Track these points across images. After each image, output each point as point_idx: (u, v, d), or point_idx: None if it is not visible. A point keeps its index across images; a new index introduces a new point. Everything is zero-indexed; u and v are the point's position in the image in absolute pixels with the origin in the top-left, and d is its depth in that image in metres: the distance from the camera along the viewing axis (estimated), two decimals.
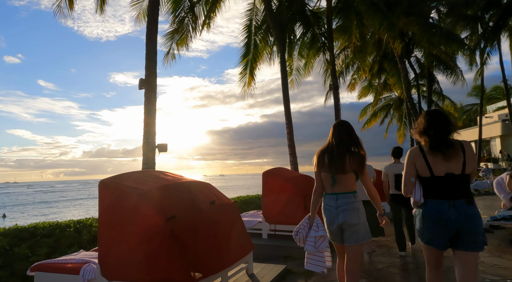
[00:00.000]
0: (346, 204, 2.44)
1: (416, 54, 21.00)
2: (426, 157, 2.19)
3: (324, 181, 2.55)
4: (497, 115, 27.67)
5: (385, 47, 16.78)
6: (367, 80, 22.50)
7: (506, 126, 24.67)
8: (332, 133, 2.59)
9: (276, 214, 5.76)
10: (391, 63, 18.05)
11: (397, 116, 26.41)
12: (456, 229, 2.08)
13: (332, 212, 2.48)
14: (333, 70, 11.56)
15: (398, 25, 12.34)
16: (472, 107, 40.89)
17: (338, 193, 2.48)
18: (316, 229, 2.57)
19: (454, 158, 2.13)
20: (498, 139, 25.83)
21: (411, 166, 2.28)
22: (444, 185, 2.14)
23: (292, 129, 8.98)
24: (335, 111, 11.50)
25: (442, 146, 2.14)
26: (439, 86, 23.17)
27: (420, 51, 18.71)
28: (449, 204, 2.10)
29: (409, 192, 2.28)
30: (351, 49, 14.41)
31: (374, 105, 25.02)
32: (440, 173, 2.15)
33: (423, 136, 2.25)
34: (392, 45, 12.93)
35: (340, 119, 2.76)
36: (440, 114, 2.27)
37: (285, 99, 9.23)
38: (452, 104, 23.99)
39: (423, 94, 24.13)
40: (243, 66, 11.21)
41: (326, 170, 2.51)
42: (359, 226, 2.43)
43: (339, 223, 2.45)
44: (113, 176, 3.27)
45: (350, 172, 2.46)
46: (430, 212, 2.15)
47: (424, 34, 13.60)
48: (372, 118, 26.55)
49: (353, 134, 2.56)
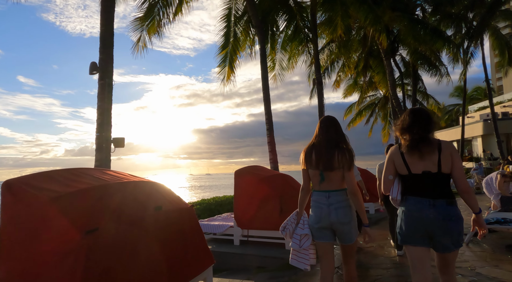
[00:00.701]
0: (339, 202, 2.40)
1: (401, 53, 20.91)
2: (404, 155, 2.21)
3: (313, 178, 2.49)
4: (479, 115, 28.04)
5: (371, 43, 16.43)
6: (352, 78, 22.23)
7: (487, 126, 24.96)
8: (319, 129, 2.52)
9: (249, 218, 5.10)
10: (376, 60, 17.75)
11: (381, 115, 26.34)
12: (432, 228, 2.08)
13: (323, 210, 2.41)
14: (317, 64, 11.02)
15: (383, 19, 11.95)
16: (454, 107, 41.61)
17: (330, 191, 2.42)
18: (302, 227, 2.54)
19: (429, 157, 2.13)
20: (480, 138, 26.13)
21: (390, 164, 2.30)
22: (423, 183, 2.15)
23: (272, 125, 8.34)
24: (318, 106, 10.98)
25: (419, 144, 2.15)
26: (423, 85, 23.17)
27: (405, 49, 18.54)
28: (429, 202, 2.10)
29: (387, 190, 2.30)
30: (336, 44, 13.93)
31: (359, 103, 24.82)
32: (417, 171, 2.17)
33: (405, 134, 2.23)
34: (377, 40, 12.52)
35: (327, 115, 2.67)
36: (424, 113, 2.27)
37: (265, 93, 8.59)
38: (436, 104, 24.06)
39: (408, 93, 24.12)
40: (222, 58, 10.49)
41: (314, 167, 2.44)
42: (352, 223, 2.40)
43: (331, 221, 2.39)
44: (24, 176, 2.53)
45: (339, 168, 2.40)
46: (409, 208, 2.17)
47: (410, 30, 13.28)
48: (357, 116, 26.37)
49: (340, 130, 2.52)
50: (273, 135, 8.32)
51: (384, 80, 17.52)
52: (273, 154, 8.26)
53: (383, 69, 17.10)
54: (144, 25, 8.66)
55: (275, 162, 8.24)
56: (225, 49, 10.41)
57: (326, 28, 10.16)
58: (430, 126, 2.19)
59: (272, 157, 8.31)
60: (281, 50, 12.95)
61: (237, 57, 10.79)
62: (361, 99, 24.30)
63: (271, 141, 8.23)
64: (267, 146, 8.22)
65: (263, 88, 8.55)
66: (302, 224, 2.55)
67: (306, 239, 2.51)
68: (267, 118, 8.35)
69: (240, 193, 5.23)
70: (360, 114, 26.35)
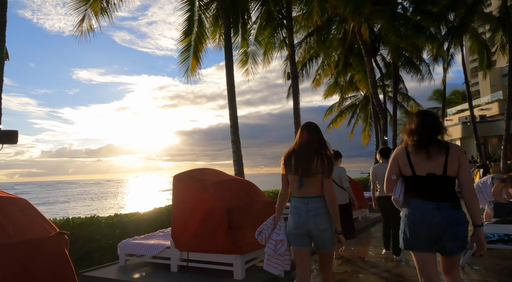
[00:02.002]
0: (317, 208, 2.37)
1: (382, 53, 20.41)
2: (409, 156, 2.17)
3: (292, 184, 2.46)
4: (457, 118, 28.10)
5: (351, 40, 15.68)
6: (333, 77, 21.54)
7: (466, 129, 24.93)
8: (300, 134, 2.52)
9: (189, 237, 3.91)
10: (357, 58, 17.03)
11: (362, 116, 25.86)
12: (437, 232, 2.03)
13: (302, 216, 2.38)
14: (292, 57, 10.00)
15: (364, 12, 11.14)
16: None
17: (309, 197, 2.39)
18: (278, 232, 2.51)
19: (436, 158, 2.08)
20: (459, 141, 26.11)
21: (394, 163, 2.26)
22: (426, 186, 2.10)
23: (237, 122, 7.19)
24: (293, 103, 9.94)
25: (427, 145, 2.10)
26: (404, 87, 22.79)
27: (386, 49, 18.02)
28: (433, 205, 2.05)
29: (390, 190, 2.27)
30: (314, 38, 13.00)
31: (340, 103, 24.16)
32: (422, 173, 2.12)
33: (413, 135, 2.18)
34: (358, 34, 11.70)
35: (308, 121, 2.63)
36: (432, 115, 2.24)
37: (230, 85, 7.44)
38: (416, 106, 23.77)
39: (389, 94, 23.72)
40: (185, 46, 9.25)
41: (293, 172, 2.43)
42: (329, 231, 2.37)
43: (308, 228, 2.36)
44: None
45: (318, 174, 2.38)
46: (413, 212, 2.12)
47: (391, 25, 12.57)
48: (338, 117, 25.76)
49: (321, 136, 2.51)
50: (237, 134, 7.17)
51: (365, 79, 16.83)
52: (238, 155, 7.10)
53: (364, 67, 16.41)
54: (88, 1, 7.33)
55: (240, 164, 7.07)
56: (188, 37, 9.18)
57: (301, 14, 9.16)
58: (439, 128, 2.15)
59: (237, 159, 7.15)
60: (255, 42, 11.88)
61: (203, 46, 9.59)
62: (342, 99, 23.63)
63: (236, 140, 7.08)
64: (231, 145, 7.05)
65: (227, 79, 7.40)
66: (278, 230, 2.52)
67: (281, 245, 2.48)
68: (231, 113, 7.20)
69: (178, 204, 4.02)
70: (341, 115, 25.77)
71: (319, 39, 12.55)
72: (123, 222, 5.90)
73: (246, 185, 4.48)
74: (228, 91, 7.33)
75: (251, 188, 4.50)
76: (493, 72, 26.70)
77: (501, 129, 24.21)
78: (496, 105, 26.60)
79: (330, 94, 22.91)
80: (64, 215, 6.83)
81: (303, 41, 13.03)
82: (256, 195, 4.37)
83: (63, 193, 66.19)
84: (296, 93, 9.96)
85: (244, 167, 7.27)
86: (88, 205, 37.30)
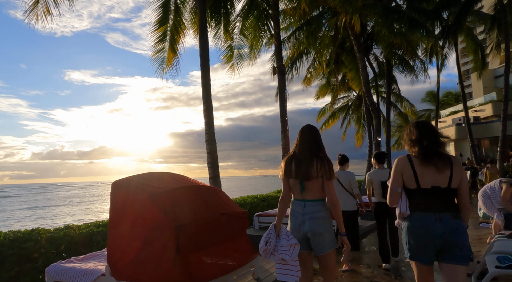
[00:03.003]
0: (313, 212, 2.39)
1: (375, 52, 19.80)
2: (414, 168, 2.16)
3: (293, 188, 2.49)
4: (451, 119, 27.66)
5: (343, 36, 14.97)
6: (325, 77, 20.85)
7: (460, 130, 24.46)
8: (299, 138, 2.53)
9: (129, 263, 3.01)
10: (349, 56, 16.33)
11: (355, 117, 25.23)
12: (442, 243, 2.06)
13: (298, 219, 2.42)
14: (278, 49, 9.19)
15: (356, 5, 10.42)
16: (425, 112, 41.73)
17: (307, 200, 2.43)
18: (286, 237, 2.43)
19: (443, 171, 2.11)
20: (452, 143, 25.63)
21: (398, 176, 2.23)
22: (430, 198, 2.12)
23: (212, 119, 6.31)
24: (280, 101, 9.11)
25: (434, 157, 2.12)
26: (397, 87, 22.22)
27: (379, 47, 17.38)
28: (435, 217, 2.08)
29: (395, 203, 2.25)
30: (303, 32, 12.22)
31: (332, 104, 23.50)
32: (427, 186, 2.13)
33: (416, 146, 2.19)
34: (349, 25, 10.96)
35: (307, 124, 2.63)
36: (430, 125, 2.26)
37: (204, 77, 6.58)
38: (410, 107, 23.20)
39: (382, 95, 23.13)
40: (160, 36, 8.35)
41: (293, 176, 2.45)
42: (324, 235, 2.37)
43: (304, 231, 2.39)
44: None
45: (318, 178, 2.39)
46: (415, 224, 2.12)
47: (385, 19, 11.88)
48: (330, 119, 25.08)
49: (319, 139, 2.53)
50: (213, 132, 6.29)
51: (357, 78, 16.12)
52: (213, 157, 6.19)
53: (356, 65, 15.71)
54: None
55: (215, 167, 6.17)
56: (164, 26, 8.30)
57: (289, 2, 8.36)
58: (439, 139, 2.17)
59: (212, 161, 6.25)
60: (240, 36, 11.06)
61: (180, 37, 8.71)
62: (333, 98, 22.97)
63: (210, 139, 6.18)
64: (205, 145, 6.15)
65: (201, 71, 6.52)
66: (286, 235, 2.44)
67: (294, 248, 2.39)
68: (205, 109, 6.31)
69: (115, 220, 3.12)
70: (334, 116, 25.11)
71: (309, 34, 11.77)
72: (72, 236, 4.97)
73: (209, 193, 3.59)
74: (202, 84, 6.46)
75: (216, 197, 3.62)
76: (486, 73, 26.34)
77: (495, 130, 23.86)
78: (489, 107, 26.24)
79: (322, 94, 22.21)
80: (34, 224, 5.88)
81: (292, 36, 12.23)
82: (221, 206, 3.50)
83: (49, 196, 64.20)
84: (282, 89, 9.14)
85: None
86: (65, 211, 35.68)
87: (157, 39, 8.37)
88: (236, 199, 8.36)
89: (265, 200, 8.81)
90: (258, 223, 6.80)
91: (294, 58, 13.82)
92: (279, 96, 9.13)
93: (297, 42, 12.27)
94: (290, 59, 14.00)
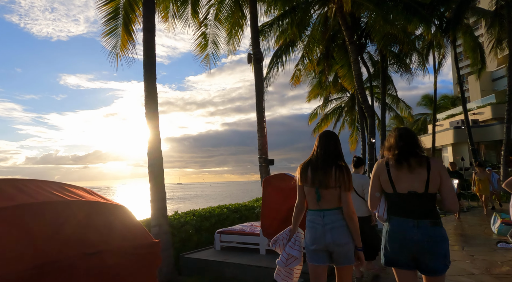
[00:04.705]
0: (334, 221, 2.27)
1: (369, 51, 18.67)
2: (390, 172, 2.16)
3: (308, 196, 2.38)
4: (448, 123, 26.55)
5: (333, 28, 13.75)
6: (316, 77, 19.63)
7: (458, 134, 23.30)
8: (317, 144, 2.43)
9: None
10: (341, 51, 15.09)
11: (349, 120, 24.04)
12: (417, 250, 2.03)
13: (318, 230, 2.28)
14: (255, 33, 7.86)
15: None
16: (422, 116, 40.73)
17: (325, 210, 2.30)
18: (292, 246, 2.44)
19: (417, 174, 2.07)
20: (450, 147, 24.45)
21: (376, 180, 2.25)
22: (407, 203, 2.09)
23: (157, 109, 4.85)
24: (256, 92, 7.76)
25: (408, 157, 2.10)
26: (393, 87, 21.08)
27: (374, 45, 16.26)
28: (413, 223, 2.05)
29: (374, 207, 2.25)
30: (287, 21, 10.93)
31: (324, 105, 22.25)
32: (403, 190, 2.10)
33: (393, 149, 2.19)
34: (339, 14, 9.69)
35: (326, 130, 2.65)
36: (409, 130, 2.28)
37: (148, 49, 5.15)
38: (406, 108, 22.06)
39: (377, 96, 22.00)
40: (111, 13, 6.96)
41: (309, 184, 2.35)
42: (349, 245, 2.26)
43: (326, 243, 2.25)
44: None
45: (335, 187, 2.27)
46: (393, 229, 2.12)
47: (379, 8, 10.67)
48: (322, 122, 23.84)
49: (339, 146, 2.43)
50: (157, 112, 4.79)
51: (350, 75, 14.86)
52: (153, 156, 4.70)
53: (348, 61, 14.48)
54: None
55: (157, 170, 4.66)
56: (115, 1, 6.92)
57: None
58: (417, 141, 2.16)
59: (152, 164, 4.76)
60: (215, 22, 9.74)
61: (136, 17, 7.34)
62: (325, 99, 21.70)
63: (152, 129, 4.70)
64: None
65: (144, 35, 5.10)
66: (293, 243, 2.44)
67: (293, 260, 2.42)
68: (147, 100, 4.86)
69: None
70: (327, 118, 23.88)
71: (293, 22, 10.47)
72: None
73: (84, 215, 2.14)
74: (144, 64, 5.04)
75: (102, 221, 2.17)
76: (483, 76, 25.38)
77: (496, 134, 22.71)
78: (489, 109, 25.15)
79: (314, 95, 20.99)
80: None
81: (275, 23, 10.91)
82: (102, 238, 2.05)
83: None
84: (259, 80, 7.79)
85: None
86: None
87: (108, 17, 6.97)
88: (201, 210, 6.91)
89: (238, 211, 7.36)
90: (219, 243, 5.35)
91: (280, 52, 12.51)
92: (255, 88, 7.77)
93: (279, 31, 10.97)
94: (276, 52, 12.69)
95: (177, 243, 5.44)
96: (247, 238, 5.07)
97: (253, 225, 5.58)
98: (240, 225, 5.69)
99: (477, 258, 4.69)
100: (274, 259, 4.59)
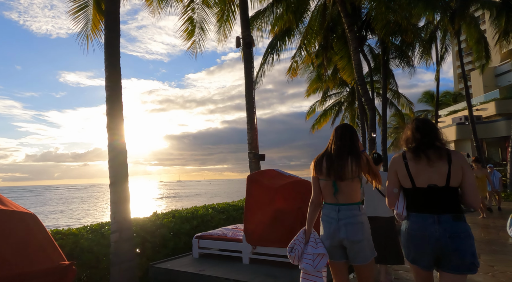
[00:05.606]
0: (349, 217, 2.17)
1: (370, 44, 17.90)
2: (408, 166, 2.05)
3: (324, 189, 2.28)
4: (451, 119, 25.81)
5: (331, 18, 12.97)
6: (315, 70, 18.86)
7: (461, 130, 22.59)
8: (333, 136, 2.35)
9: None
10: (340, 41, 14.31)
11: (349, 116, 23.29)
12: (440, 248, 1.90)
13: (332, 225, 2.20)
14: (245, 16, 7.11)
15: None
16: (423, 113, 40.01)
17: (341, 204, 2.21)
18: (314, 245, 2.27)
19: (437, 165, 1.96)
20: (453, 144, 23.72)
21: (393, 175, 2.15)
22: (427, 198, 1.99)
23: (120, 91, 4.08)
24: (245, 79, 7.03)
25: (427, 149, 1.99)
26: (394, 82, 20.30)
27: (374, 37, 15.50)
28: (433, 219, 1.94)
29: (392, 204, 2.15)
30: (282, 7, 10.15)
31: (323, 99, 21.46)
32: (422, 185, 2.00)
33: (410, 141, 2.08)
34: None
35: (342, 123, 2.47)
36: (427, 122, 2.16)
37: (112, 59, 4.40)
38: (408, 104, 21.31)
39: (378, 91, 21.25)
40: None
41: (324, 176, 2.26)
42: (363, 242, 2.16)
43: (340, 239, 2.17)
44: None
45: (353, 178, 2.19)
46: (412, 227, 2.01)
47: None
48: (321, 118, 23.10)
49: (355, 139, 2.32)
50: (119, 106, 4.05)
51: (349, 67, 14.10)
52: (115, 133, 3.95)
53: (348, 52, 13.73)
54: None
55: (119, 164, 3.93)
56: None
57: None
58: (437, 132, 2.06)
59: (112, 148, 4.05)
60: (203, 5, 8.99)
61: None
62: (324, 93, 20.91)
63: (112, 114, 3.92)
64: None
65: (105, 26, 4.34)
66: (314, 242, 2.28)
67: (321, 258, 2.22)
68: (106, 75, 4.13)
69: None
70: (326, 114, 23.14)
71: (288, 7, 9.69)
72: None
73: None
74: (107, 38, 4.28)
75: None
76: (486, 72, 24.62)
77: (500, 130, 22.01)
78: (492, 105, 24.40)
79: (313, 90, 20.23)
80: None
81: (269, 9, 10.13)
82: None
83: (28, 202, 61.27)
84: (249, 66, 7.04)
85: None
86: None
87: None
88: (183, 211, 6.18)
89: (225, 212, 6.63)
90: (198, 250, 4.62)
91: (276, 40, 11.74)
92: (245, 75, 7.02)
93: (274, 17, 10.19)
94: (272, 42, 11.92)
95: (149, 250, 4.71)
96: (229, 244, 4.35)
97: (238, 229, 4.86)
98: (223, 229, 4.96)
99: (498, 270, 3.98)
100: (258, 270, 3.88)
